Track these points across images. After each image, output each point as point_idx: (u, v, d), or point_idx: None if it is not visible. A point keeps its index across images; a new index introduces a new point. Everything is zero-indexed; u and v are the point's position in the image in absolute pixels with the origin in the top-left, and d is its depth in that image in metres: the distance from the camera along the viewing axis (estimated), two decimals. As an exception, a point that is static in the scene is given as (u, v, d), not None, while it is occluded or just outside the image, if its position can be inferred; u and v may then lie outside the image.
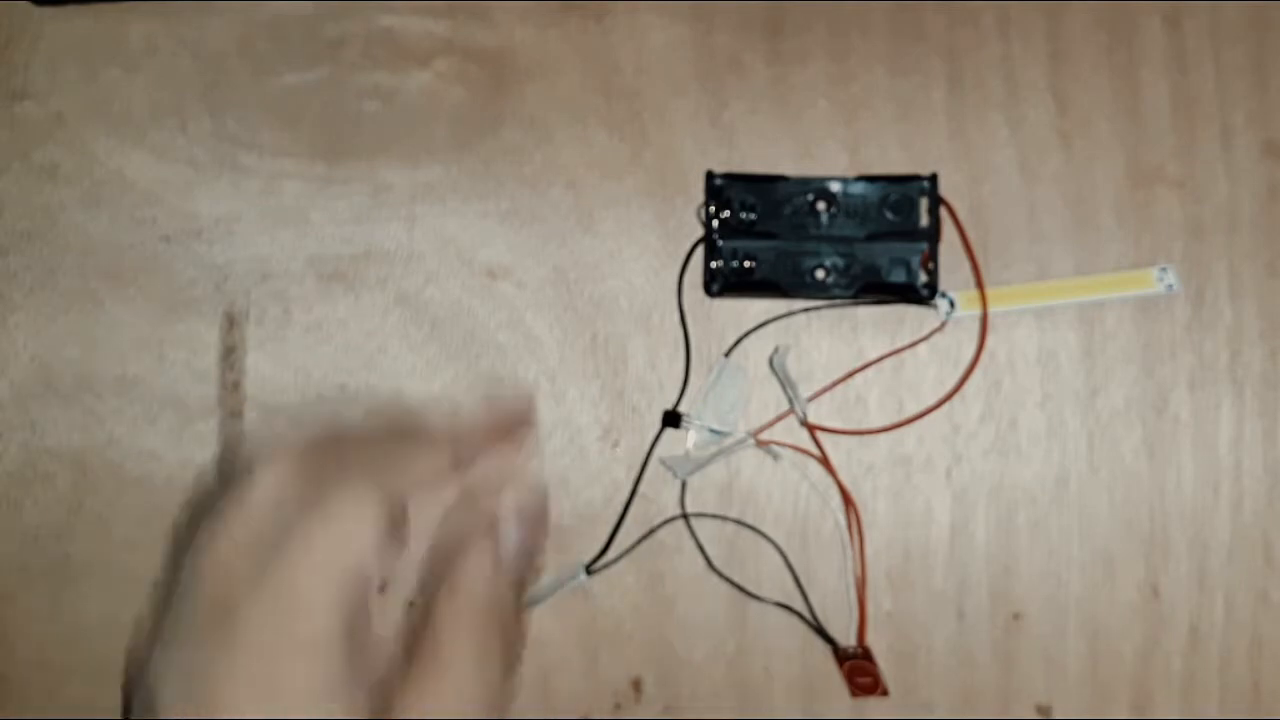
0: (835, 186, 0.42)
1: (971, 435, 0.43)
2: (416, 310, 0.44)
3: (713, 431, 0.43)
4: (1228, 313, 0.43)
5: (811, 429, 0.43)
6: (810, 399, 0.43)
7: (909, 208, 0.42)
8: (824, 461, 0.43)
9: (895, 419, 0.43)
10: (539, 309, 0.44)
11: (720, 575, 0.43)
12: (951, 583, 0.43)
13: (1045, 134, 0.44)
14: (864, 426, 0.43)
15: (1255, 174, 0.43)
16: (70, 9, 0.45)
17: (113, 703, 0.44)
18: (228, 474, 0.35)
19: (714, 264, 0.43)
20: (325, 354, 0.44)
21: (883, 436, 0.43)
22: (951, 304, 0.43)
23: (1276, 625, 0.43)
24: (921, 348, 0.43)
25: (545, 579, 0.44)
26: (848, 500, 0.43)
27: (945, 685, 0.43)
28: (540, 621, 0.44)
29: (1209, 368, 0.43)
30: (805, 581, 0.43)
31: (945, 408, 0.43)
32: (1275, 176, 0.43)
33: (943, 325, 0.43)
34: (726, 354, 0.43)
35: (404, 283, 0.44)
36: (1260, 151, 0.43)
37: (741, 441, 0.43)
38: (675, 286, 0.43)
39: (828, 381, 0.43)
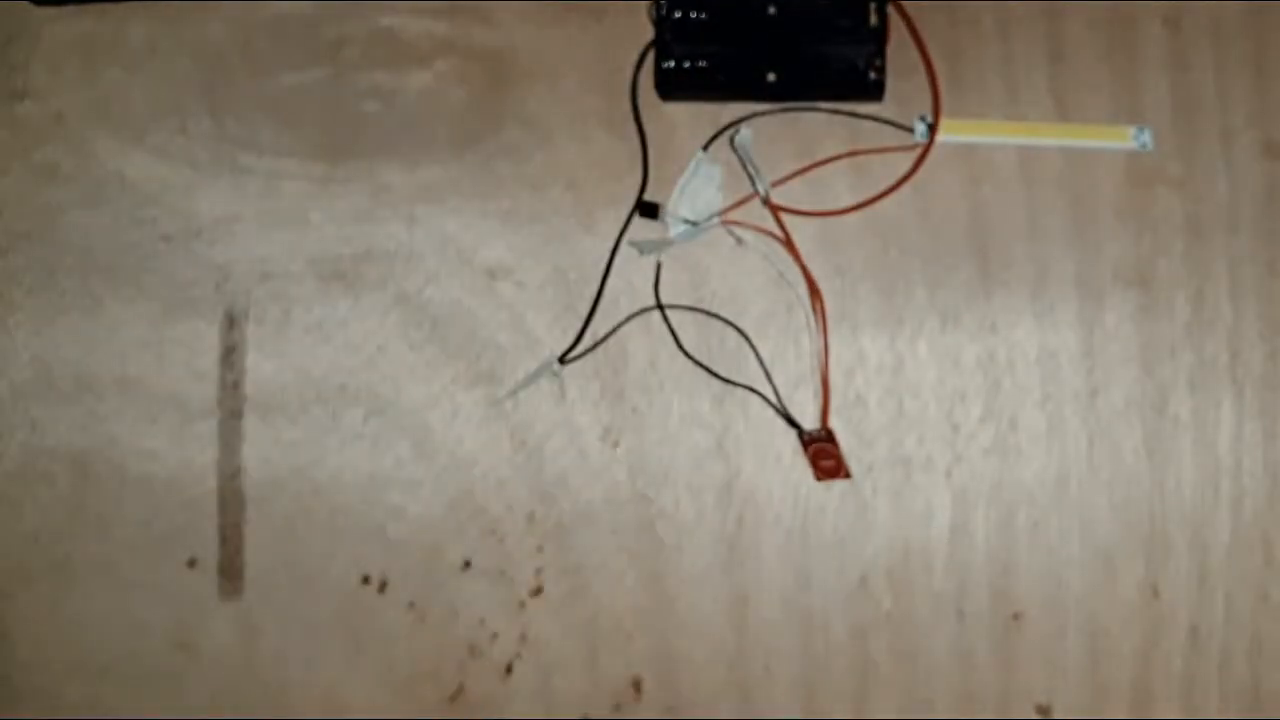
0: None
1: (971, 435, 0.43)
2: (416, 310, 0.44)
3: (688, 223, 0.43)
4: (1228, 313, 0.43)
5: (775, 209, 0.43)
6: (775, 184, 0.43)
7: (858, 9, 0.42)
8: (788, 244, 0.43)
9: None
10: (539, 309, 0.44)
11: (691, 359, 0.43)
12: (951, 583, 0.43)
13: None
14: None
15: (1255, 174, 0.43)
16: (70, 9, 0.45)
17: (113, 702, 0.44)
18: None
19: (665, 64, 0.43)
20: (325, 354, 0.44)
21: (882, 437, 0.43)
22: (930, 126, 0.43)
23: (1276, 625, 0.43)
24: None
25: (519, 373, 0.44)
26: (812, 287, 0.43)
27: (945, 685, 0.43)
28: (540, 621, 0.44)
29: (1209, 368, 0.43)
30: (771, 368, 0.43)
31: (945, 407, 0.43)
32: (1275, 176, 0.43)
33: (917, 148, 0.43)
34: (705, 148, 0.43)
35: (404, 283, 0.44)
36: (1260, 151, 0.43)
37: (709, 222, 0.43)
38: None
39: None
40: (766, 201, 0.43)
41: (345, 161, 0.45)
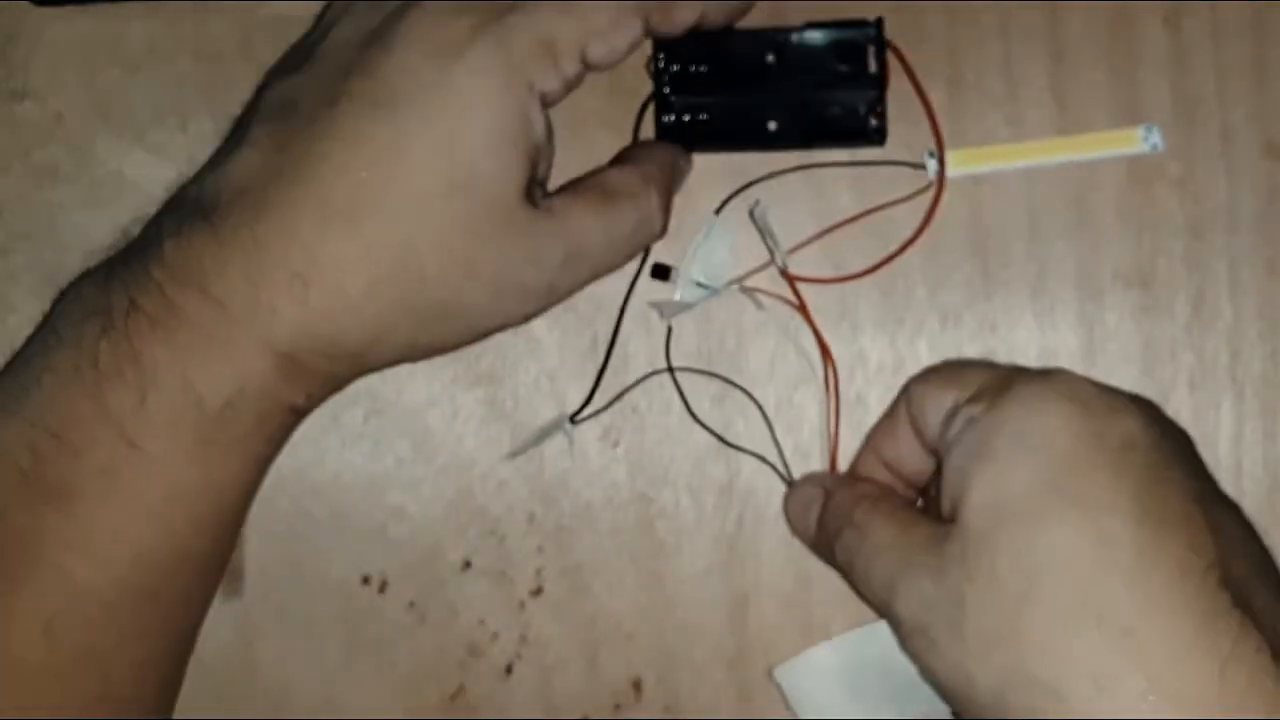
0: (784, 37, 0.42)
1: (971, 435, 0.43)
2: (416, 310, 0.44)
3: (700, 286, 0.43)
4: (1228, 313, 0.43)
5: (791, 279, 0.43)
6: (791, 251, 0.43)
7: (858, 55, 0.42)
8: (802, 310, 0.43)
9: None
10: (539, 309, 0.44)
11: (699, 423, 0.43)
12: (951, 583, 0.43)
13: (1045, 134, 0.44)
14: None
15: (1255, 174, 0.43)
16: (70, 9, 0.45)
17: (113, 703, 0.44)
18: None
19: (665, 118, 0.42)
20: (325, 354, 0.44)
21: (883, 436, 0.43)
22: (939, 161, 0.43)
23: (1276, 625, 0.43)
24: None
25: (529, 431, 0.44)
26: (825, 352, 0.43)
27: (945, 685, 0.43)
28: (540, 621, 0.44)
29: (1209, 368, 0.43)
30: (781, 434, 0.43)
31: (945, 408, 0.43)
32: (1275, 176, 0.43)
33: (929, 186, 0.43)
34: (717, 211, 0.43)
35: (404, 283, 0.44)
36: (1260, 151, 0.43)
37: (726, 286, 0.43)
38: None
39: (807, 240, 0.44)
40: (784, 273, 0.43)
41: (345, 161, 0.45)
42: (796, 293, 0.43)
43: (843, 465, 0.43)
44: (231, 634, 0.44)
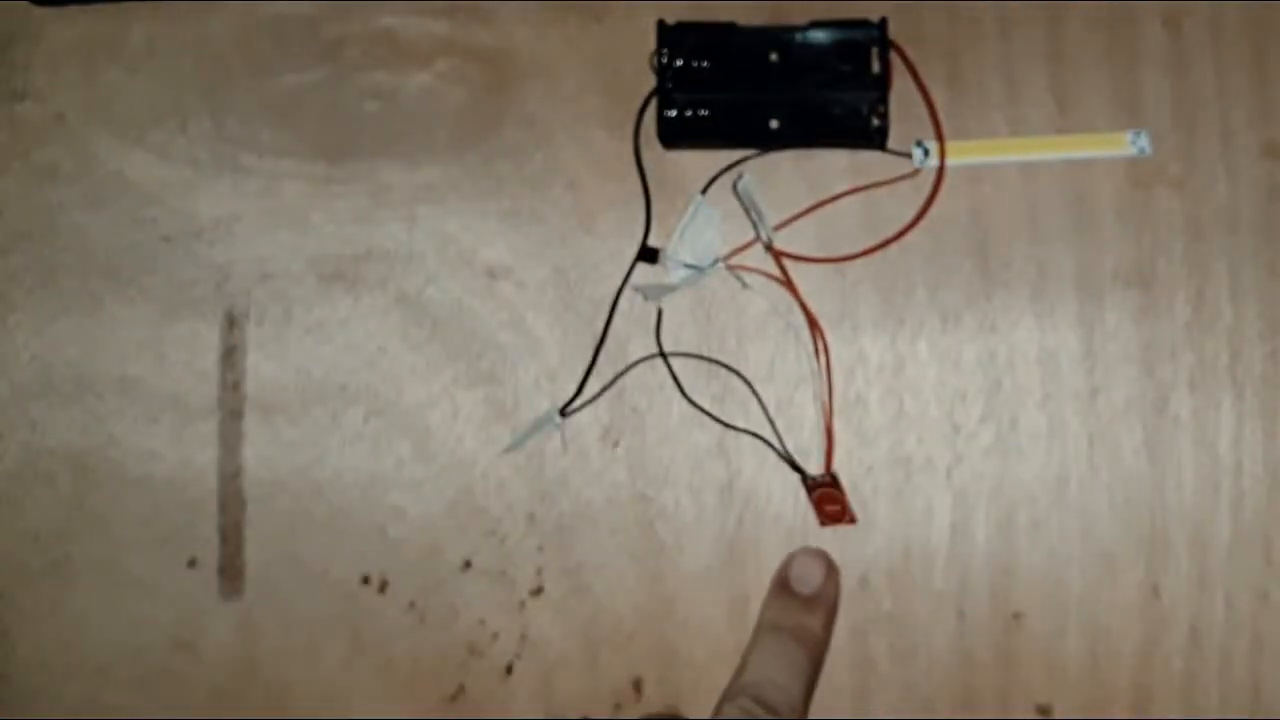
0: (788, 35, 0.42)
1: (972, 435, 0.43)
2: (417, 310, 0.44)
3: (688, 267, 0.43)
4: (1228, 313, 0.43)
5: (777, 255, 0.43)
6: (777, 227, 0.43)
7: (861, 55, 0.42)
8: (788, 285, 0.43)
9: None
10: (539, 309, 0.44)
11: (694, 405, 0.43)
12: (951, 583, 0.43)
13: (1045, 134, 0.44)
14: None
15: (1255, 174, 0.43)
16: (70, 9, 0.45)
17: (113, 702, 0.44)
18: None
19: (668, 113, 0.43)
20: (325, 354, 0.44)
21: (882, 437, 0.43)
22: (926, 152, 0.43)
23: (1276, 625, 0.43)
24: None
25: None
26: (815, 327, 0.43)
27: (945, 685, 0.43)
28: (540, 621, 0.44)
29: (1209, 368, 0.43)
30: (775, 414, 0.43)
31: (945, 407, 0.43)
32: (1275, 176, 0.43)
33: (916, 172, 0.43)
34: (703, 191, 0.43)
35: (404, 283, 0.44)
36: (1260, 151, 0.43)
37: (711, 266, 0.43)
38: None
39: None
40: (769, 248, 0.43)
41: (345, 161, 0.45)
42: (783, 269, 0.43)
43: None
44: (231, 634, 0.44)
